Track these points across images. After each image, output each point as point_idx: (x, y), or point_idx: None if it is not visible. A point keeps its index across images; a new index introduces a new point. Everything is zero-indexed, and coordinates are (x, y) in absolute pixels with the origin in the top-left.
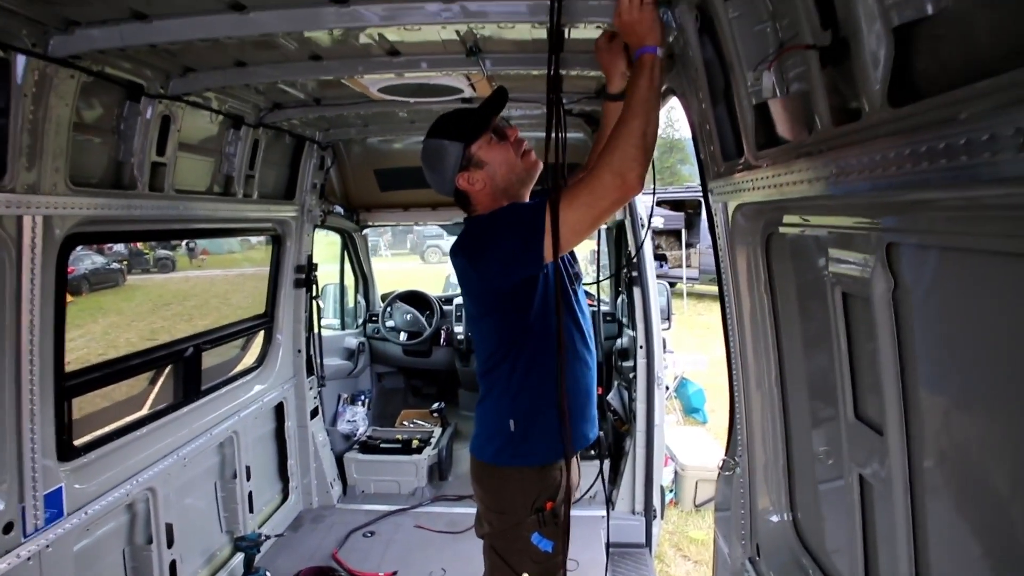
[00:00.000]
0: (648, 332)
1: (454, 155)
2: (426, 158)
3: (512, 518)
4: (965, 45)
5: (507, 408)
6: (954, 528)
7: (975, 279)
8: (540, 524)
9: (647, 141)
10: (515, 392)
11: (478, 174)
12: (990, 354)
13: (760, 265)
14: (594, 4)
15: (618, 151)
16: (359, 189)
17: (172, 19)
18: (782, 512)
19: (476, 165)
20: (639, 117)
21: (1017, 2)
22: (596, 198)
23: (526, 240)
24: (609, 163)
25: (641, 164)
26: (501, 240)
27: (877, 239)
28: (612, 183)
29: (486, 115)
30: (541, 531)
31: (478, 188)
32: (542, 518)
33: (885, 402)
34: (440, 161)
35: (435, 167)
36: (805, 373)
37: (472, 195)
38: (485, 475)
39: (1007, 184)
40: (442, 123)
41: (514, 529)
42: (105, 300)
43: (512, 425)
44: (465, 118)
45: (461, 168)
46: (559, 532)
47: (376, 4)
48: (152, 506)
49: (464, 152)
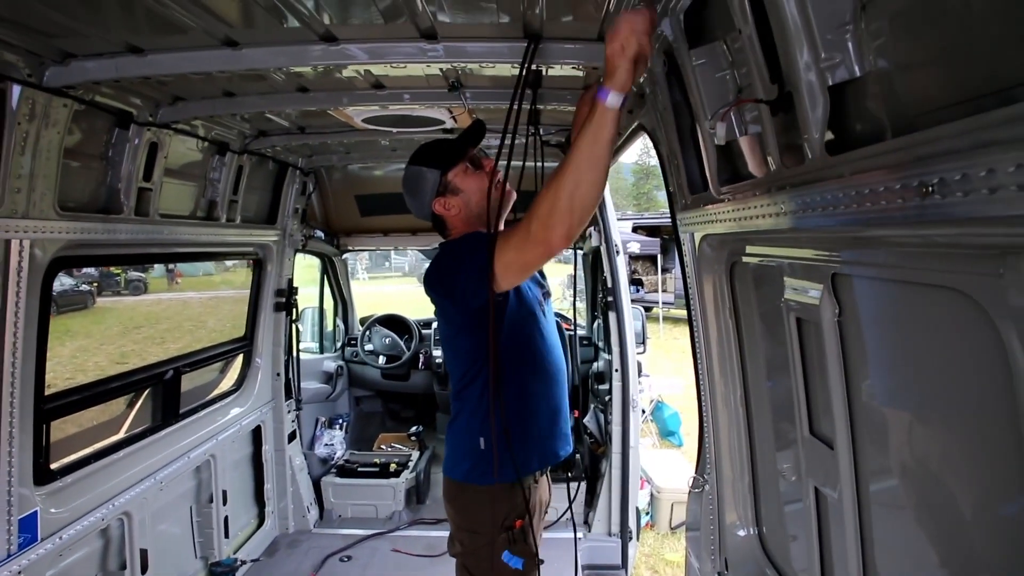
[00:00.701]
0: (623, 356)
1: (431, 181)
2: (406, 184)
3: (483, 537)
4: (889, 103)
5: (478, 427)
6: (897, 534)
7: (904, 305)
8: (510, 542)
9: (581, 201)
10: (485, 412)
11: (453, 200)
12: (920, 373)
13: (725, 292)
14: (568, 48)
15: (547, 203)
16: (340, 214)
17: (167, 53)
18: (748, 526)
19: (452, 192)
20: (578, 173)
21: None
22: (523, 248)
23: (481, 268)
24: (537, 215)
25: (568, 224)
26: (463, 265)
27: (824, 269)
28: (536, 237)
29: (463, 146)
30: (511, 549)
31: (453, 213)
32: (512, 536)
33: (834, 419)
34: (419, 187)
35: (414, 192)
36: (767, 393)
37: (448, 220)
38: (456, 494)
39: (924, 226)
40: (422, 151)
41: (485, 548)
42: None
43: (482, 443)
44: (444, 148)
45: (438, 194)
46: (528, 550)
47: (364, 42)
48: (127, 531)
49: (441, 179)
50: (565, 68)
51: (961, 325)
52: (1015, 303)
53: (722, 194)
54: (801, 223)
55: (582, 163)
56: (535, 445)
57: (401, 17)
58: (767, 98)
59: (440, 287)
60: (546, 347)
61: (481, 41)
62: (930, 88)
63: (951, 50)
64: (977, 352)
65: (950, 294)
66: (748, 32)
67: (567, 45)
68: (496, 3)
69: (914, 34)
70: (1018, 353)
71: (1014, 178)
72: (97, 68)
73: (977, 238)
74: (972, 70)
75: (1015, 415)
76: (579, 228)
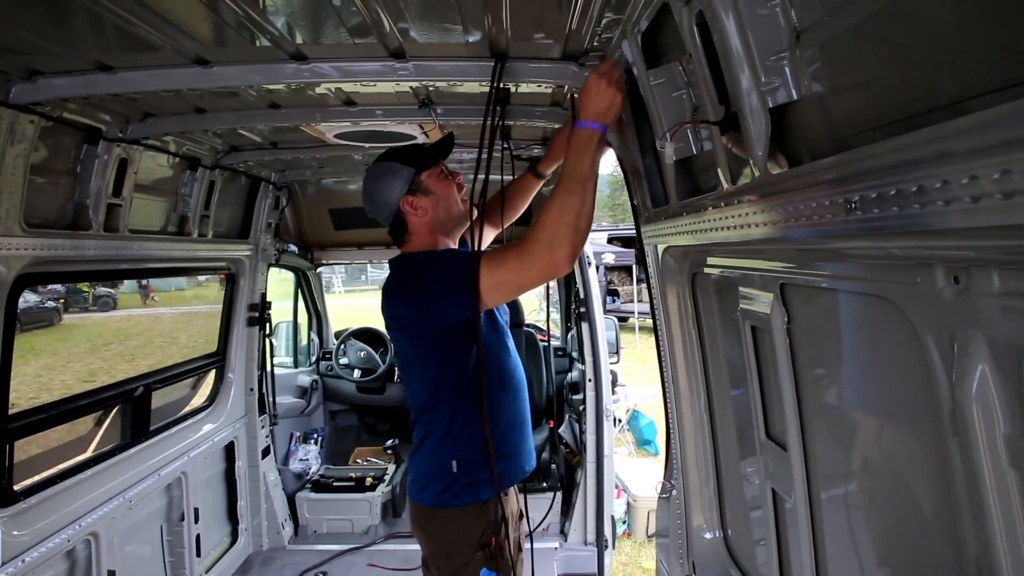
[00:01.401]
0: (596, 366)
1: (403, 178)
2: (371, 178)
3: (459, 559)
4: (824, 125)
5: (449, 450)
6: (845, 531)
7: (845, 313)
8: (487, 559)
9: (582, 221)
10: (457, 433)
11: (423, 200)
12: (861, 378)
13: (688, 302)
14: (533, 67)
15: (550, 227)
16: (313, 228)
17: (137, 71)
18: (714, 529)
19: (423, 192)
20: (578, 195)
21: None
22: (523, 268)
23: (460, 287)
24: (540, 238)
25: (573, 244)
26: (439, 282)
27: (773, 280)
28: (541, 258)
29: (435, 154)
30: (489, 566)
31: (419, 215)
32: (488, 553)
33: (787, 421)
34: (387, 182)
35: (380, 188)
36: (730, 400)
37: (410, 222)
38: (427, 519)
39: (851, 239)
40: (395, 150)
41: (463, 569)
42: (38, 340)
43: (455, 466)
44: (418, 150)
45: (409, 191)
46: (506, 564)
47: (334, 61)
48: (94, 552)
49: (415, 177)
50: (531, 86)
51: (891, 331)
52: (930, 311)
53: (680, 208)
54: (749, 236)
55: (585, 183)
56: (508, 463)
57: (369, 36)
58: (715, 119)
59: (406, 302)
60: (512, 365)
61: (449, 60)
62: (856, 111)
63: (873, 77)
64: (904, 356)
65: (880, 302)
66: (697, 56)
67: (532, 64)
68: (462, 24)
69: (842, 61)
70: (935, 357)
71: (917, 197)
72: (65, 85)
73: (895, 251)
74: (890, 96)
75: (935, 415)
76: (582, 247)
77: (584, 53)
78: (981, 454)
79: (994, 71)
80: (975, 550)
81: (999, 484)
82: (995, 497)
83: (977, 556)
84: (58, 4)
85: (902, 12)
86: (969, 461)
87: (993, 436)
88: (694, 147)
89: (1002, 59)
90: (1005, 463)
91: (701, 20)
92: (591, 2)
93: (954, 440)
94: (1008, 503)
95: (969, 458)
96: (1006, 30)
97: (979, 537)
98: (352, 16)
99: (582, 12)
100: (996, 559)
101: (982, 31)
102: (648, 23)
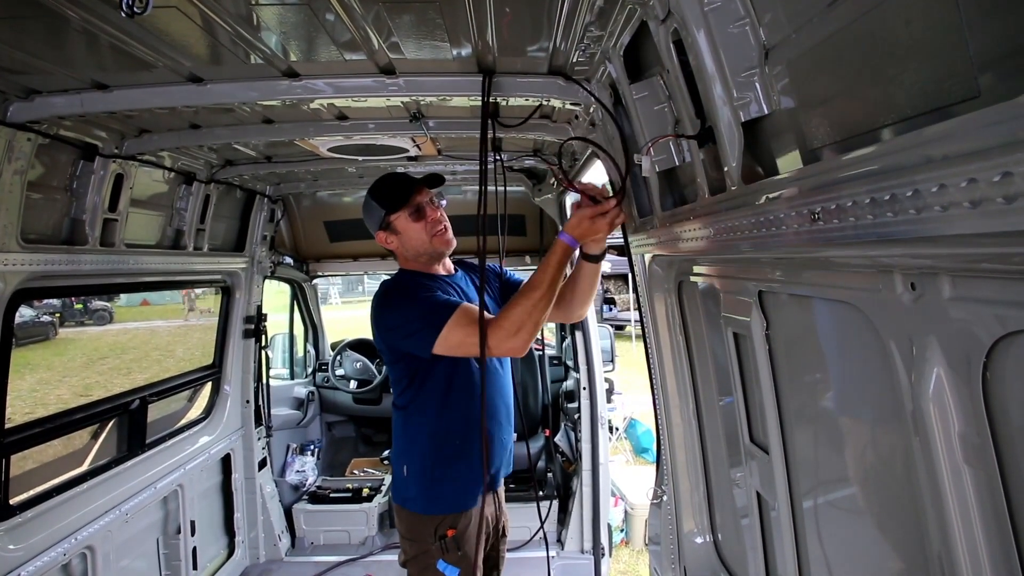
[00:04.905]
0: (590, 374)
1: (376, 216)
2: (364, 206)
3: (421, 545)
4: (793, 138)
5: (401, 450)
6: (826, 530)
7: (819, 319)
8: (443, 551)
9: (542, 315)
10: (412, 436)
11: (392, 238)
12: (834, 381)
13: (675, 310)
14: (520, 81)
15: (518, 320)
16: (309, 240)
17: (132, 89)
18: (704, 534)
19: (392, 231)
20: (547, 292)
21: (819, 108)
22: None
23: (423, 329)
24: (506, 326)
25: (531, 335)
26: (409, 311)
27: (752, 287)
28: (504, 344)
29: (416, 188)
30: (445, 558)
31: (393, 247)
32: (444, 545)
33: (767, 426)
34: (369, 215)
35: (367, 218)
36: (717, 405)
37: (391, 248)
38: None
39: (816, 248)
40: (379, 184)
41: (423, 556)
42: (34, 355)
43: (405, 470)
44: (398, 186)
45: (380, 228)
46: (465, 559)
47: (327, 77)
48: (90, 566)
49: (385, 217)
50: (518, 99)
51: (860, 337)
52: (891, 316)
53: (663, 219)
54: (725, 246)
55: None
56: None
57: (360, 53)
58: (692, 132)
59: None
60: (495, 376)
61: (438, 76)
62: (821, 125)
63: (836, 93)
64: (872, 361)
65: (849, 309)
66: (674, 72)
67: (520, 79)
68: (449, 41)
69: (807, 79)
70: (898, 361)
71: (870, 209)
72: (62, 104)
73: (855, 259)
74: (851, 111)
75: (900, 417)
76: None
77: (570, 67)
78: (939, 452)
79: (941, 88)
80: (937, 547)
81: (955, 480)
82: (952, 492)
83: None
84: (55, 25)
85: (861, 33)
86: (928, 459)
87: (949, 435)
88: (676, 159)
89: (944, 77)
90: (960, 460)
91: (677, 37)
92: (575, 19)
93: (915, 439)
94: (964, 498)
95: (928, 456)
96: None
97: (940, 532)
98: (342, 34)
99: (565, 28)
100: (955, 552)
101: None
102: (630, 39)
